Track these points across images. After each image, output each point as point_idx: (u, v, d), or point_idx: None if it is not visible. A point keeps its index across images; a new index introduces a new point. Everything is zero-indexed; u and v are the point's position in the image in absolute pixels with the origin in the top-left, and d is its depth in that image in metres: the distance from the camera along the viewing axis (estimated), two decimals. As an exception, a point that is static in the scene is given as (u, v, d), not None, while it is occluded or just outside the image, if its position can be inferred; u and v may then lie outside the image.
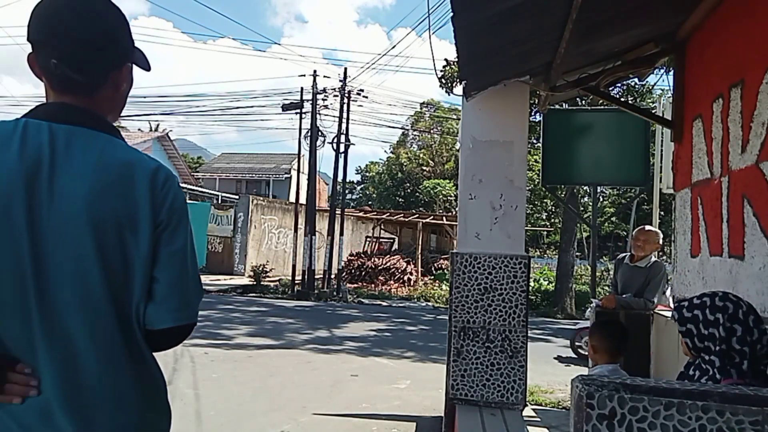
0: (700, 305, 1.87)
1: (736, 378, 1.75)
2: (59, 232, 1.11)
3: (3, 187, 1.08)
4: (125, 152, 1.19)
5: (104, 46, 1.21)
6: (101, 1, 1.23)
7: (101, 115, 1.22)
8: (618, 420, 1.20)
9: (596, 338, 3.13)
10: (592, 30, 3.17)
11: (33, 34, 1.17)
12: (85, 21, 1.17)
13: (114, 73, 1.25)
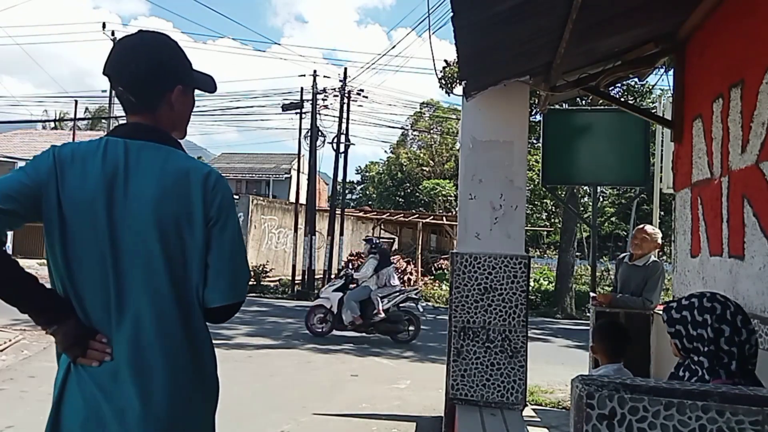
0: (688, 306, 1.87)
1: (725, 378, 1.76)
2: (131, 226, 1.36)
3: (89, 190, 1.35)
4: (184, 161, 1.44)
5: (154, 74, 1.47)
6: (153, 39, 1.52)
7: (165, 130, 1.49)
8: (618, 420, 1.20)
9: (597, 340, 3.13)
10: (592, 30, 3.17)
11: (106, 69, 1.48)
12: (138, 56, 1.46)
13: (167, 94, 1.50)
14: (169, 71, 1.50)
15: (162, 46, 1.51)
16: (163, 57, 1.50)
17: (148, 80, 1.46)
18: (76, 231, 1.35)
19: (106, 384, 1.35)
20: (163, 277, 1.38)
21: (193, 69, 1.57)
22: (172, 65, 1.51)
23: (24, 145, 29.47)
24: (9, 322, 8.45)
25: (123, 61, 1.46)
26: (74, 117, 23.16)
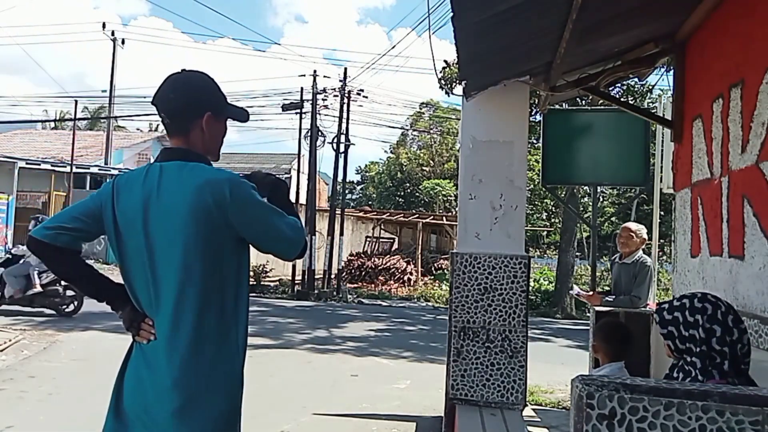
0: (679, 307, 1.88)
1: (718, 378, 1.76)
2: (161, 235, 1.69)
3: (133, 208, 1.71)
4: (203, 173, 1.72)
5: (186, 104, 1.80)
6: (189, 75, 1.85)
7: (194, 150, 1.79)
8: (618, 420, 1.20)
9: (599, 339, 3.13)
10: (592, 30, 3.17)
11: (154, 100, 1.82)
12: (175, 89, 1.80)
13: (198, 120, 1.80)
14: (199, 101, 1.81)
15: (195, 80, 1.84)
16: (194, 89, 1.82)
17: (181, 108, 1.79)
18: (126, 240, 1.73)
19: (151, 358, 1.71)
20: (188, 273, 1.68)
21: (227, 101, 1.89)
22: (202, 96, 1.82)
23: (24, 145, 29.46)
24: (9, 322, 8.45)
25: (164, 93, 1.80)
26: (74, 117, 23.14)
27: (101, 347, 7.28)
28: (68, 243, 1.74)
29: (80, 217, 1.75)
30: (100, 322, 9.10)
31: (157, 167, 1.74)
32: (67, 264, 1.79)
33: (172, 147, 1.81)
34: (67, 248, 1.75)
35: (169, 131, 1.82)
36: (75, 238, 1.75)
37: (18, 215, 19.36)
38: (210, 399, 1.69)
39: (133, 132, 40.94)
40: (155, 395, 1.68)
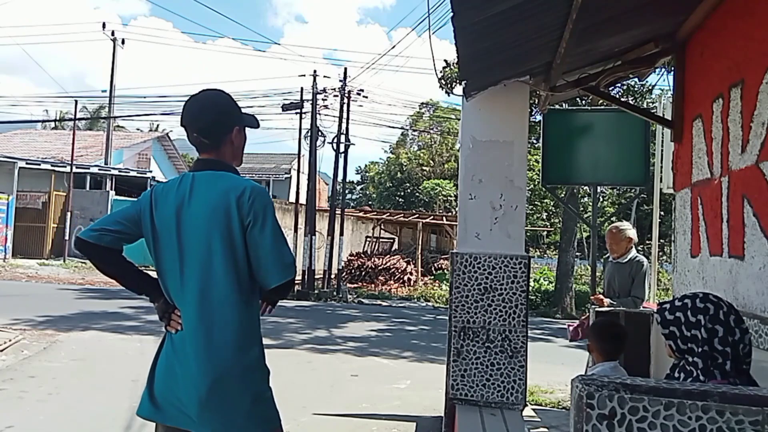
0: (681, 307, 1.87)
1: (720, 378, 1.76)
2: (190, 234, 1.92)
3: (168, 212, 1.95)
4: (229, 182, 1.95)
5: (218, 123, 2.02)
6: (213, 95, 2.06)
7: (223, 161, 2.03)
8: (618, 420, 1.20)
9: (593, 339, 3.13)
10: (592, 30, 3.17)
11: (182, 120, 2.04)
12: (206, 109, 2.02)
13: (228, 135, 2.04)
14: (228, 118, 2.04)
15: (219, 99, 2.06)
16: (220, 108, 2.04)
17: (214, 128, 2.01)
18: (161, 240, 1.96)
19: (179, 348, 1.92)
20: (210, 272, 1.90)
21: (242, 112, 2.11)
22: (229, 114, 2.06)
23: (24, 145, 29.44)
24: (9, 322, 8.45)
25: (194, 115, 2.02)
26: (74, 117, 23.14)
27: (101, 347, 7.29)
28: (111, 243, 1.97)
29: (121, 221, 1.99)
30: (100, 322, 9.11)
31: (190, 176, 2.00)
32: (110, 261, 2.02)
33: (204, 158, 2.04)
34: (110, 248, 1.98)
35: (201, 148, 2.03)
36: (117, 239, 1.98)
37: (18, 215, 19.37)
38: (234, 386, 1.88)
39: (133, 132, 40.91)
40: (184, 383, 1.89)
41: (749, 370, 1.83)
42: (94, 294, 12.93)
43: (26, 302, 10.74)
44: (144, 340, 7.78)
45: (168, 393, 1.93)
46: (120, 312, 10.27)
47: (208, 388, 1.85)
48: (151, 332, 8.40)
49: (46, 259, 19.60)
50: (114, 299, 11.99)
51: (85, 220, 20.94)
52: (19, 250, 19.22)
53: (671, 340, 1.89)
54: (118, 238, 1.98)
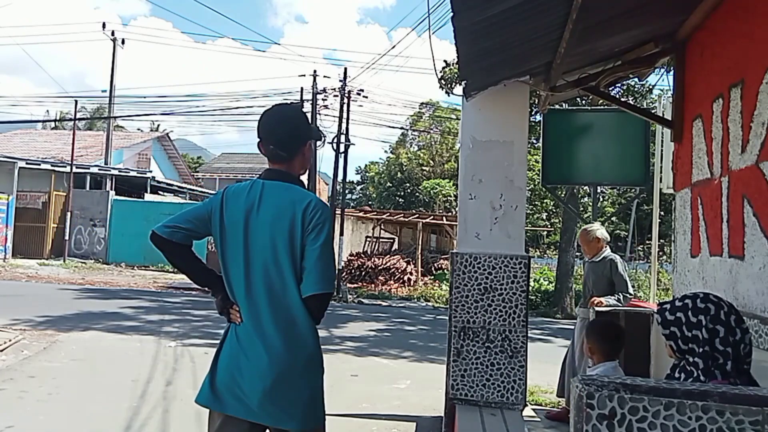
0: (681, 308, 1.87)
1: (721, 379, 1.76)
2: (256, 238, 2.07)
3: (237, 214, 2.10)
4: (296, 194, 2.11)
5: (295, 136, 2.19)
6: (290, 109, 2.32)
7: (292, 173, 2.19)
8: (618, 420, 1.20)
9: (592, 339, 3.13)
10: (592, 30, 3.17)
11: (260, 133, 2.19)
12: (282, 123, 2.19)
13: (302, 148, 2.20)
14: (303, 132, 2.22)
15: (295, 115, 2.26)
16: (297, 123, 2.22)
17: (290, 141, 2.17)
18: (228, 240, 2.10)
19: (244, 339, 2.06)
20: (274, 273, 2.05)
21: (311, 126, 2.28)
22: (304, 128, 2.24)
23: (24, 145, 29.44)
24: (9, 322, 8.44)
25: (271, 128, 2.18)
26: (74, 117, 23.14)
27: (101, 347, 7.29)
28: (181, 239, 2.13)
29: (192, 220, 2.15)
30: (100, 322, 9.11)
31: (260, 183, 2.15)
32: (180, 255, 2.18)
33: (275, 169, 2.18)
34: (180, 243, 2.14)
35: (275, 158, 2.18)
36: (187, 236, 2.14)
37: (18, 215, 19.37)
38: (296, 380, 2.03)
39: (133, 132, 40.91)
40: (249, 374, 2.02)
41: (749, 370, 1.83)
42: (94, 294, 12.93)
43: (26, 302, 10.73)
44: (144, 340, 7.79)
45: (231, 383, 2.06)
46: (120, 312, 10.27)
47: (273, 380, 1.99)
48: (150, 332, 8.41)
49: (46, 259, 19.60)
50: (114, 299, 12.00)
51: (85, 220, 20.96)
52: (19, 250, 19.22)
53: (672, 341, 1.88)
54: (188, 235, 2.14)
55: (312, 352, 2.08)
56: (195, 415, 4.74)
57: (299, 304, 2.04)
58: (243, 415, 2.04)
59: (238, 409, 2.04)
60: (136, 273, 18.56)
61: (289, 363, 2.02)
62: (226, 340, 2.14)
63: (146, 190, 23.73)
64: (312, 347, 2.08)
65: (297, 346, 2.04)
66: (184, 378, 5.84)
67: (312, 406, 2.06)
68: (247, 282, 2.07)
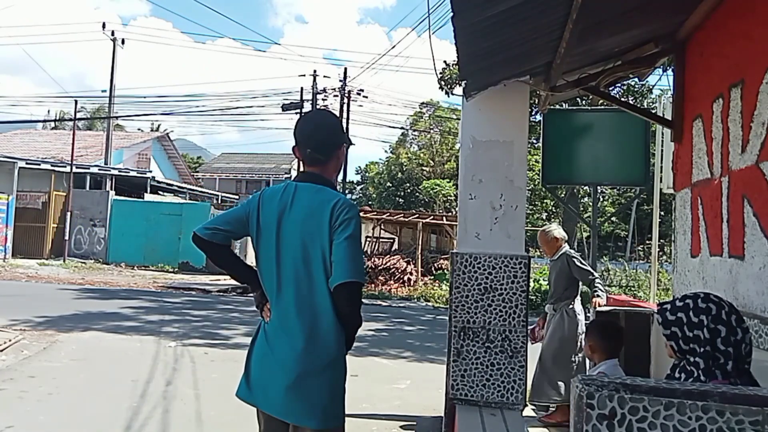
0: (683, 308, 1.87)
1: (721, 378, 1.76)
2: (287, 238, 2.15)
3: (271, 215, 2.18)
4: (326, 195, 2.17)
5: (331, 140, 2.27)
6: (326, 115, 2.51)
7: (325, 176, 2.25)
8: (618, 420, 1.20)
9: (593, 338, 3.13)
10: (592, 30, 3.17)
11: (296, 137, 2.27)
12: (319, 128, 2.28)
13: (337, 152, 2.28)
14: (338, 137, 2.30)
15: (331, 120, 2.38)
16: (334, 128, 2.32)
17: (327, 145, 2.25)
18: (263, 239, 2.18)
19: (272, 335, 2.15)
20: (302, 271, 2.11)
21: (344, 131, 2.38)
22: (339, 133, 2.33)
23: (24, 145, 29.44)
24: (9, 322, 8.45)
25: (309, 133, 2.25)
26: (74, 117, 23.14)
27: (101, 347, 7.29)
28: (221, 240, 2.24)
29: (231, 221, 2.25)
30: (100, 322, 9.10)
31: (293, 185, 2.23)
32: (221, 255, 2.28)
33: (310, 172, 2.25)
34: (220, 244, 2.25)
35: (311, 161, 2.25)
36: (226, 236, 2.25)
37: (18, 215, 19.37)
38: (317, 380, 2.10)
39: (133, 132, 40.91)
40: (273, 372, 2.11)
41: (750, 370, 1.83)
42: (94, 294, 12.93)
43: (26, 302, 10.73)
44: (144, 340, 7.79)
45: (260, 379, 2.16)
46: (120, 312, 10.27)
47: (295, 377, 2.07)
48: (150, 332, 8.41)
49: (46, 259, 19.60)
50: (114, 299, 12.00)
51: (85, 220, 20.96)
52: (19, 250, 19.22)
53: (673, 341, 1.88)
54: (227, 235, 2.26)
55: (335, 354, 2.13)
56: (195, 415, 4.74)
57: (326, 306, 2.10)
58: (269, 409, 2.13)
59: (267, 405, 2.14)
60: (136, 273, 18.56)
61: (311, 362, 2.08)
62: (258, 337, 2.23)
63: (146, 190, 23.74)
64: (335, 349, 2.13)
65: (320, 346, 2.09)
66: (184, 378, 5.84)
67: (332, 405, 2.14)
68: (277, 281, 2.15)
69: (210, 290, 15.24)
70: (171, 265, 19.85)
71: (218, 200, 27.31)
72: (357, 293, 2.13)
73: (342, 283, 2.06)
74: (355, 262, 2.10)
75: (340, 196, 2.20)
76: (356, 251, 2.12)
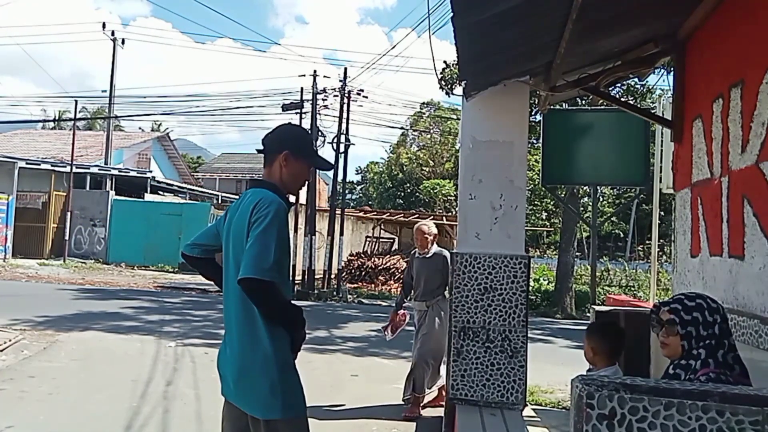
0: (697, 308, 1.94)
1: (713, 367, 1.84)
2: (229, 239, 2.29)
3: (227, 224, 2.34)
4: (258, 195, 2.24)
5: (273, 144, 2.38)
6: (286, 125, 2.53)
7: (268, 179, 2.35)
8: (618, 420, 1.20)
9: (595, 340, 3.11)
10: (592, 30, 3.17)
11: None
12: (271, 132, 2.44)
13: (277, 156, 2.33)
14: (282, 143, 2.35)
15: (285, 128, 2.47)
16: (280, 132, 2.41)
17: (268, 147, 2.37)
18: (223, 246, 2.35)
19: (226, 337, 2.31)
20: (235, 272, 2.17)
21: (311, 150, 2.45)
22: (285, 138, 2.37)
23: (24, 145, 29.43)
24: (9, 322, 8.44)
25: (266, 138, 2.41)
26: (74, 117, 23.13)
27: (101, 347, 7.29)
28: (201, 254, 2.47)
29: (206, 235, 2.48)
30: (100, 322, 9.10)
31: (246, 192, 2.35)
32: (202, 267, 2.50)
33: (256, 177, 2.44)
34: (202, 257, 2.48)
35: (263, 164, 2.38)
36: (204, 250, 2.48)
37: (18, 215, 19.36)
38: (254, 374, 2.16)
39: (133, 132, 40.90)
40: (226, 365, 2.26)
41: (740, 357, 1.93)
42: (94, 294, 12.92)
43: (26, 302, 10.73)
44: (144, 340, 7.79)
45: (221, 370, 2.31)
46: (120, 312, 10.27)
47: (237, 373, 2.20)
48: (150, 332, 8.40)
49: (46, 259, 19.60)
50: (114, 299, 11.99)
51: (86, 220, 20.96)
52: (19, 250, 19.21)
53: (686, 340, 1.92)
54: (205, 249, 2.47)
55: (267, 350, 2.16)
56: (195, 415, 4.74)
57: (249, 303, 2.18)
58: (229, 398, 2.30)
59: (227, 393, 2.30)
60: (136, 273, 18.55)
61: (247, 358, 2.18)
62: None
63: (146, 190, 23.73)
64: (267, 346, 2.16)
65: (253, 343, 2.18)
66: (184, 378, 5.84)
67: (272, 399, 2.15)
68: (226, 282, 2.31)
69: (209, 290, 15.23)
70: (171, 265, 19.84)
71: (218, 200, 27.31)
72: (258, 290, 2.10)
73: (240, 279, 2.09)
74: (258, 258, 2.09)
75: (268, 194, 2.23)
76: (262, 248, 2.10)
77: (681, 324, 1.92)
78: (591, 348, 3.08)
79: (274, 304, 2.16)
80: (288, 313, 2.22)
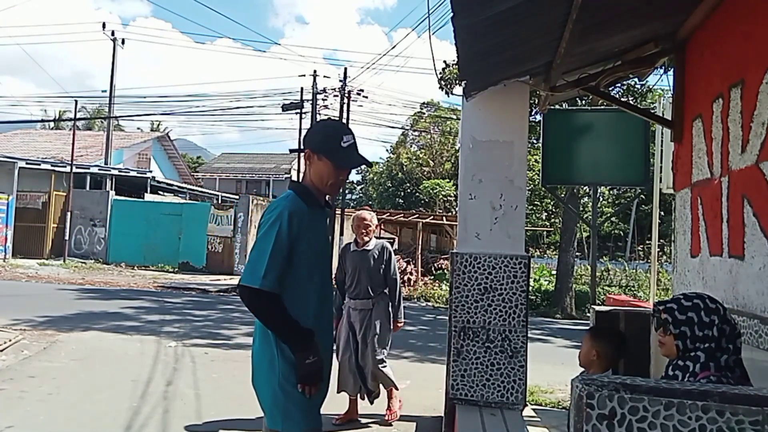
0: (693, 308, 1.93)
1: (714, 371, 1.83)
2: None
3: None
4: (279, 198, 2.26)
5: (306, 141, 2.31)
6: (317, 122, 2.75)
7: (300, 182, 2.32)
8: (618, 420, 1.20)
9: (599, 344, 3.09)
10: (592, 30, 3.17)
11: None
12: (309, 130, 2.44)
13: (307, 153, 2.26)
14: (306, 139, 2.33)
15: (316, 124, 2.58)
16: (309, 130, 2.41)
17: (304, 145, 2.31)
18: None
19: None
20: None
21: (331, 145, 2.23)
22: (309, 135, 2.33)
23: (24, 145, 29.44)
24: (9, 322, 8.44)
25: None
26: (74, 117, 23.14)
27: (101, 347, 7.29)
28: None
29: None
30: (101, 322, 9.10)
31: None
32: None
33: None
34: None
35: None
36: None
37: (18, 215, 19.37)
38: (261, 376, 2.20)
39: (133, 132, 40.91)
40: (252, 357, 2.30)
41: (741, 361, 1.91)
42: (94, 294, 12.92)
43: (26, 302, 10.73)
44: (144, 340, 7.79)
45: None
46: (120, 312, 10.27)
47: (253, 373, 2.25)
48: (151, 332, 8.41)
49: (46, 259, 19.60)
50: (114, 299, 11.99)
51: (86, 220, 20.96)
52: (19, 250, 19.21)
53: (680, 340, 1.91)
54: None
55: (271, 356, 2.17)
56: (195, 415, 4.74)
57: None
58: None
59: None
60: (136, 273, 18.55)
61: (257, 356, 2.23)
62: None
63: (146, 190, 23.74)
64: (272, 351, 2.17)
65: (263, 346, 2.20)
66: (184, 378, 5.84)
67: (274, 407, 2.15)
68: None
69: (210, 290, 15.24)
70: (171, 265, 19.84)
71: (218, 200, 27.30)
72: (247, 297, 2.08)
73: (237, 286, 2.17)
74: (251, 265, 2.10)
75: (279, 198, 2.27)
76: (257, 254, 2.11)
77: (674, 323, 1.92)
78: (595, 351, 3.04)
79: (267, 314, 2.08)
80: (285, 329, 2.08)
